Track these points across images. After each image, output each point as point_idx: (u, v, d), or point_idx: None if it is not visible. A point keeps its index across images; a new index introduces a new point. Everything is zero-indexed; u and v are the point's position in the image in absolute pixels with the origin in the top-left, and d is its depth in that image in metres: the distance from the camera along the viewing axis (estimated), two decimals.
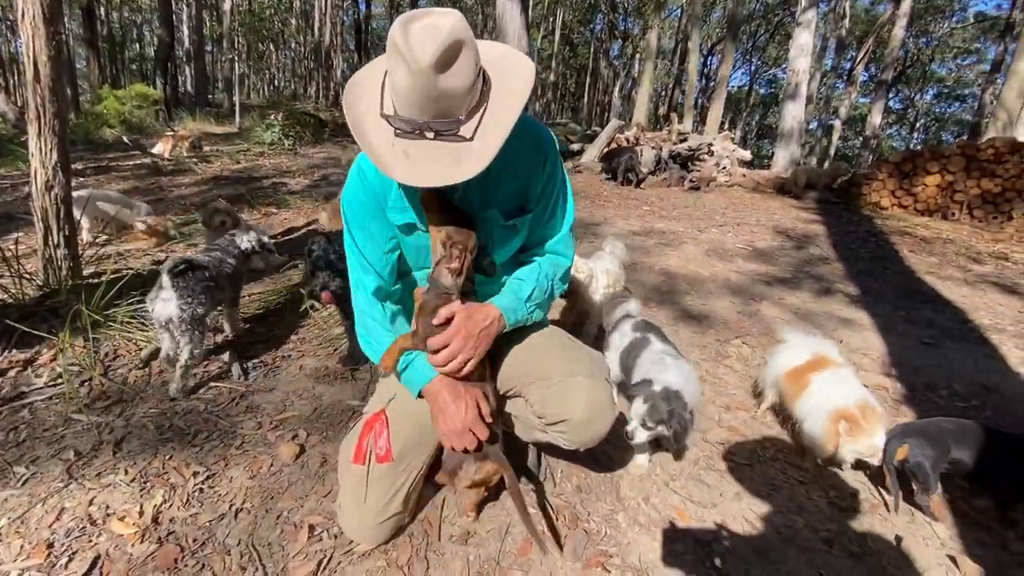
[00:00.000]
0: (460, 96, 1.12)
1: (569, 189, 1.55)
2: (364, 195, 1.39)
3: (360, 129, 1.19)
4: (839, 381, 1.98)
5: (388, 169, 1.15)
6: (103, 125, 10.81)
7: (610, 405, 1.48)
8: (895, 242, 5.51)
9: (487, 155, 1.14)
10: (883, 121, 30.83)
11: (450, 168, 1.15)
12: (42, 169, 2.89)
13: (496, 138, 1.16)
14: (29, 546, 1.48)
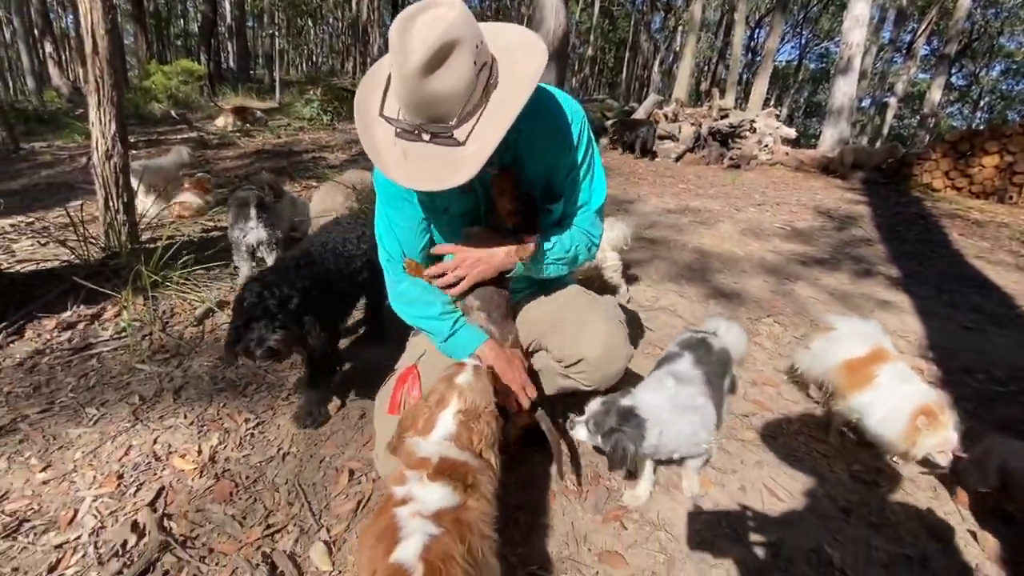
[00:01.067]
0: (451, 100, 1.11)
1: (600, 168, 1.57)
2: (394, 187, 1.43)
3: (364, 124, 1.21)
4: (905, 377, 1.89)
5: (385, 169, 1.17)
6: (151, 100, 11.20)
7: (624, 344, 1.55)
8: (944, 225, 5.28)
9: (479, 160, 1.13)
10: (943, 99, 29.00)
11: (443, 172, 1.15)
12: (102, 139, 3.07)
13: (489, 144, 1.14)
14: (101, 476, 1.65)
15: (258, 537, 1.46)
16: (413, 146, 1.17)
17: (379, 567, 0.93)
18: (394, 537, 0.96)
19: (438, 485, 1.07)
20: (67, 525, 1.49)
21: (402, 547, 0.94)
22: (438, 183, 1.15)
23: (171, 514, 1.53)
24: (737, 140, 8.49)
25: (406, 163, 1.17)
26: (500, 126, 1.14)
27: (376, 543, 0.97)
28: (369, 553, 0.98)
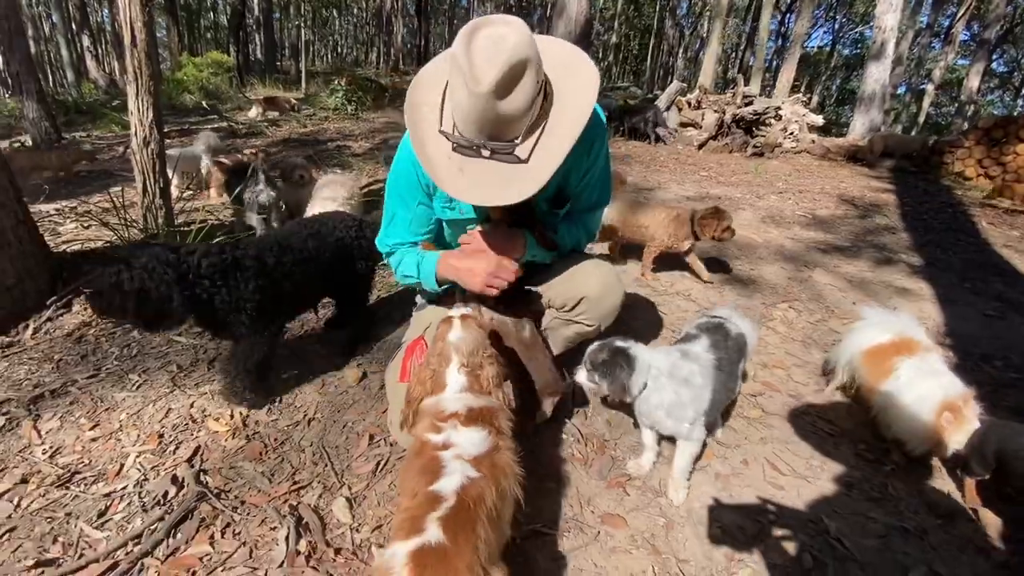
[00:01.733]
0: (518, 119, 1.15)
1: (609, 168, 1.68)
2: (416, 182, 1.54)
3: (418, 137, 1.25)
4: (932, 370, 1.82)
5: (441, 183, 1.21)
6: (183, 91, 11.54)
7: (618, 282, 1.67)
8: (974, 214, 5.15)
9: (541, 179, 1.18)
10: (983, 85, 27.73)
11: (502, 189, 1.19)
12: (140, 127, 3.22)
13: (552, 162, 1.18)
14: (144, 435, 1.80)
15: (285, 492, 1.59)
16: (471, 161, 1.19)
17: (420, 491, 1.08)
18: (437, 472, 1.10)
19: (473, 430, 1.21)
20: (114, 477, 1.63)
21: (443, 481, 1.08)
22: (500, 199, 1.19)
23: (207, 469, 1.66)
24: (762, 127, 8.35)
25: (462, 176, 1.19)
26: (564, 144, 1.18)
27: (419, 475, 1.12)
28: (412, 481, 1.12)
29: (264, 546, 1.42)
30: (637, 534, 1.49)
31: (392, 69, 19.34)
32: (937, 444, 1.71)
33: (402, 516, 1.07)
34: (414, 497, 1.08)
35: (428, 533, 0.99)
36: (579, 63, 1.26)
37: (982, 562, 1.49)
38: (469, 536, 1.01)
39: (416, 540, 0.98)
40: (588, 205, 1.69)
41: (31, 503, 1.53)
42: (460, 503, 1.04)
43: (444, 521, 1.01)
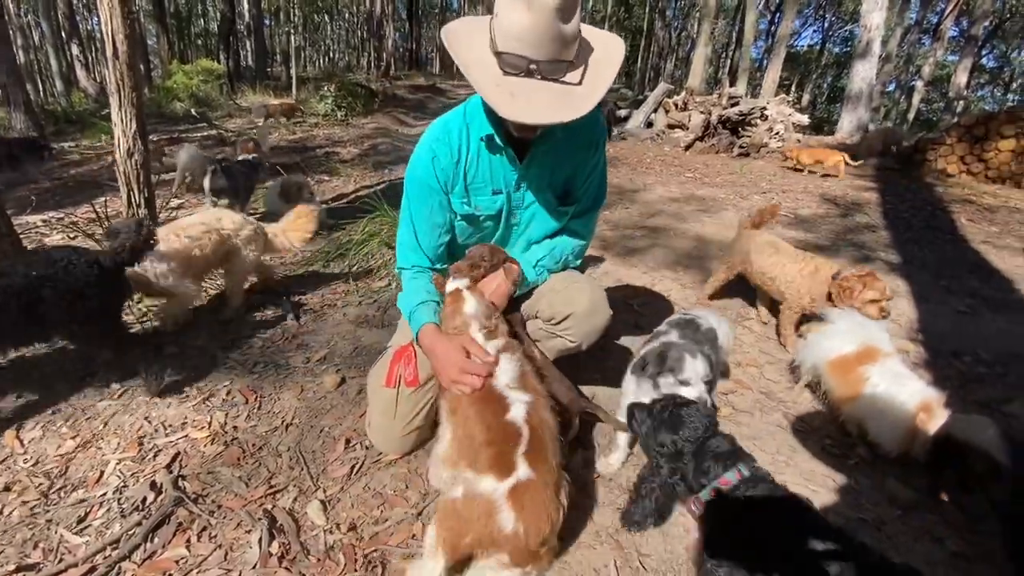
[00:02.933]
0: (572, 41, 1.27)
1: (606, 170, 1.77)
2: (432, 180, 1.59)
3: (463, 63, 1.31)
4: (900, 375, 1.88)
5: (497, 106, 1.25)
6: (173, 99, 11.56)
7: (606, 302, 1.71)
8: (954, 211, 5.22)
9: (594, 97, 1.29)
10: (973, 81, 27.96)
11: (556, 109, 1.27)
12: (123, 138, 3.26)
13: (602, 85, 1.31)
14: (124, 443, 1.83)
15: (261, 496, 1.63)
16: (524, 84, 1.26)
17: (494, 423, 1.28)
18: (503, 402, 1.31)
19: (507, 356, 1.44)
20: (94, 484, 1.67)
21: (513, 410, 1.29)
22: (556, 117, 1.26)
23: (185, 475, 1.70)
24: (747, 128, 8.43)
25: (515, 100, 1.25)
26: (609, 71, 1.33)
27: (483, 405, 1.33)
28: (474, 410, 1.33)
29: (239, 548, 1.46)
30: (601, 529, 1.54)
31: (383, 74, 19.40)
32: (912, 443, 1.76)
33: (489, 453, 1.23)
34: (486, 427, 1.27)
35: (520, 470, 1.19)
36: (600, 32, 1.43)
37: (936, 551, 1.54)
38: (549, 466, 1.24)
39: (511, 480, 1.18)
40: (588, 204, 1.77)
41: (13, 511, 1.57)
42: (534, 433, 1.25)
43: (529, 454, 1.21)
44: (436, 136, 1.58)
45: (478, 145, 1.57)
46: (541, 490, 1.20)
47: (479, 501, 1.18)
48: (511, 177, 1.62)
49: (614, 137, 9.23)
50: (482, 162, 1.59)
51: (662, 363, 1.59)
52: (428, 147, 1.58)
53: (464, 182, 1.60)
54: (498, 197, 1.63)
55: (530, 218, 1.71)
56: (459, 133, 1.57)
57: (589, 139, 1.66)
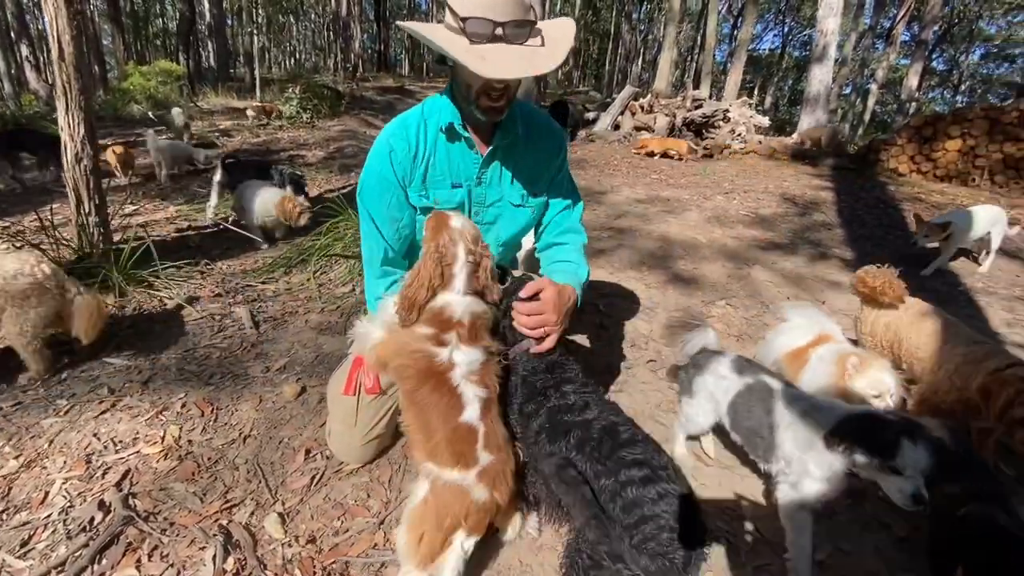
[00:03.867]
0: (528, 6, 1.34)
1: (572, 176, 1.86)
2: (389, 174, 1.58)
3: (429, 37, 1.35)
4: (836, 347, 1.94)
5: (471, 64, 1.30)
6: (130, 101, 11.16)
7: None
8: (905, 208, 5.45)
9: (557, 55, 1.36)
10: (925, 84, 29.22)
11: (527, 64, 1.34)
12: (71, 143, 3.13)
13: (563, 47, 1.38)
14: (71, 461, 1.76)
15: (217, 511, 1.58)
16: (492, 48, 1.33)
17: (451, 422, 1.31)
18: (459, 403, 1.32)
19: (473, 349, 1.37)
20: (39, 505, 1.60)
21: (468, 412, 1.32)
22: (527, 71, 1.33)
23: (136, 493, 1.64)
24: (711, 129, 8.64)
25: (485, 62, 1.31)
26: (567, 38, 1.41)
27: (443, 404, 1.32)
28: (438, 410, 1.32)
29: (192, 567, 1.42)
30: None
31: (351, 76, 19.14)
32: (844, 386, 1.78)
33: (450, 449, 1.29)
34: (447, 424, 1.31)
35: (482, 459, 1.30)
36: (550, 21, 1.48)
37: (884, 538, 1.61)
38: (503, 447, 1.35)
39: (477, 468, 1.28)
40: (564, 205, 1.82)
41: None
42: (488, 428, 1.33)
43: (486, 446, 1.31)
44: (393, 132, 1.59)
45: (436, 138, 1.59)
46: (504, 467, 1.34)
47: (451, 487, 1.28)
48: (472, 170, 1.62)
49: (582, 139, 9.34)
50: (440, 155, 1.60)
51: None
52: (385, 142, 1.58)
53: (423, 176, 1.60)
54: (457, 191, 1.63)
55: (496, 216, 1.72)
56: (417, 128, 1.58)
57: (550, 137, 1.71)
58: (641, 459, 1.18)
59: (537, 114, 1.72)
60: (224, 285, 3.06)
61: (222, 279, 3.16)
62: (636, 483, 1.14)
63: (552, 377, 1.43)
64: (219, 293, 2.95)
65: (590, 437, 1.25)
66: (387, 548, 1.49)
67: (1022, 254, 4.21)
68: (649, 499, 1.11)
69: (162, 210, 4.55)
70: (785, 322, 2.24)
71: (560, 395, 1.37)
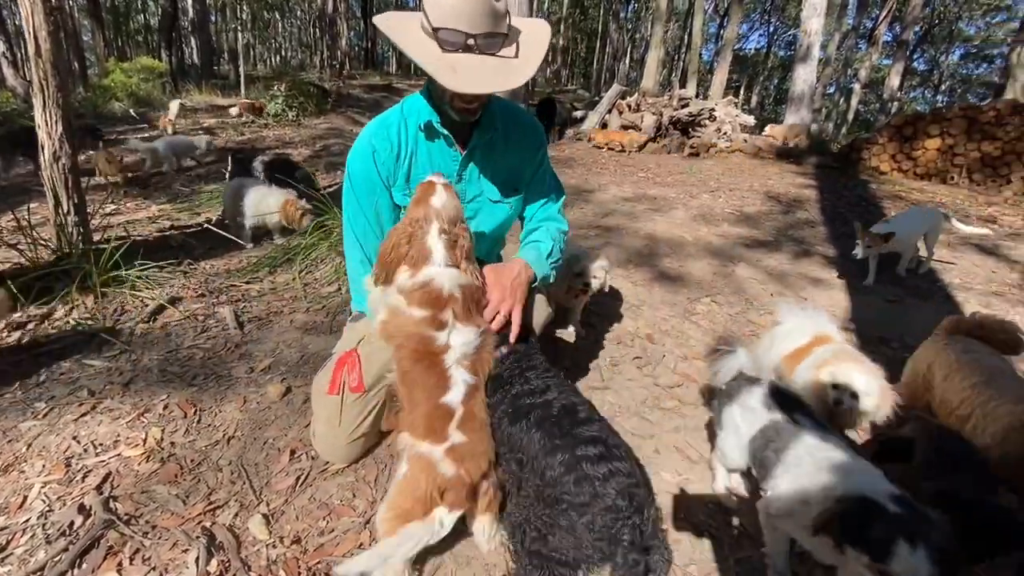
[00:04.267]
0: (503, 16, 1.33)
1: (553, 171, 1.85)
2: (374, 175, 1.58)
3: (403, 43, 1.34)
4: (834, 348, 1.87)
5: (441, 77, 1.29)
6: (111, 98, 10.98)
7: (544, 303, 1.75)
8: (886, 206, 5.54)
9: (528, 68, 1.36)
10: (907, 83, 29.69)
11: (498, 78, 1.33)
12: (48, 141, 3.08)
13: (536, 58, 1.38)
14: (50, 465, 1.73)
15: (200, 513, 1.57)
16: (463, 58, 1.32)
17: (434, 400, 1.34)
18: (446, 384, 1.35)
19: (469, 329, 1.39)
20: (17, 510, 1.57)
21: (451, 394, 1.35)
22: (499, 85, 1.33)
23: (117, 496, 1.62)
24: (697, 128, 8.70)
25: (456, 74, 1.30)
26: (540, 47, 1.40)
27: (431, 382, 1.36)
28: (425, 388, 1.36)
29: (174, 569, 1.40)
30: None
31: (337, 73, 18.98)
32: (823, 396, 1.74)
33: (425, 423, 1.33)
34: (429, 401, 1.34)
35: (453, 437, 1.33)
36: (526, 20, 1.48)
37: None
38: (480, 431, 1.36)
39: (447, 443, 1.31)
40: (546, 198, 1.83)
41: None
42: (467, 411, 1.35)
43: (460, 426, 1.34)
44: (374, 132, 1.59)
45: (416, 136, 1.59)
46: (475, 448, 1.35)
47: (421, 458, 1.32)
48: (452, 167, 1.63)
49: (570, 138, 9.36)
50: (421, 154, 1.60)
51: None
52: (367, 142, 1.58)
53: (406, 175, 1.60)
54: None
55: (475, 211, 1.72)
56: (398, 127, 1.58)
57: (530, 133, 1.71)
58: (597, 436, 1.22)
59: (516, 111, 1.72)
60: (207, 285, 3.03)
61: (205, 279, 3.12)
62: (591, 459, 1.17)
63: (518, 366, 1.47)
64: (202, 293, 2.92)
65: (550, 415, 1.29)
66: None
67: (998, 250, 4.30)
68: (600, 476, 1.15)
69: (144, 209, 4.49)
70: (781, 324, 2.14)
71: (523, 380, 1.42)
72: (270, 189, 3.84)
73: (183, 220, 4.26)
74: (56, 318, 2.56)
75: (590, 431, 1.23)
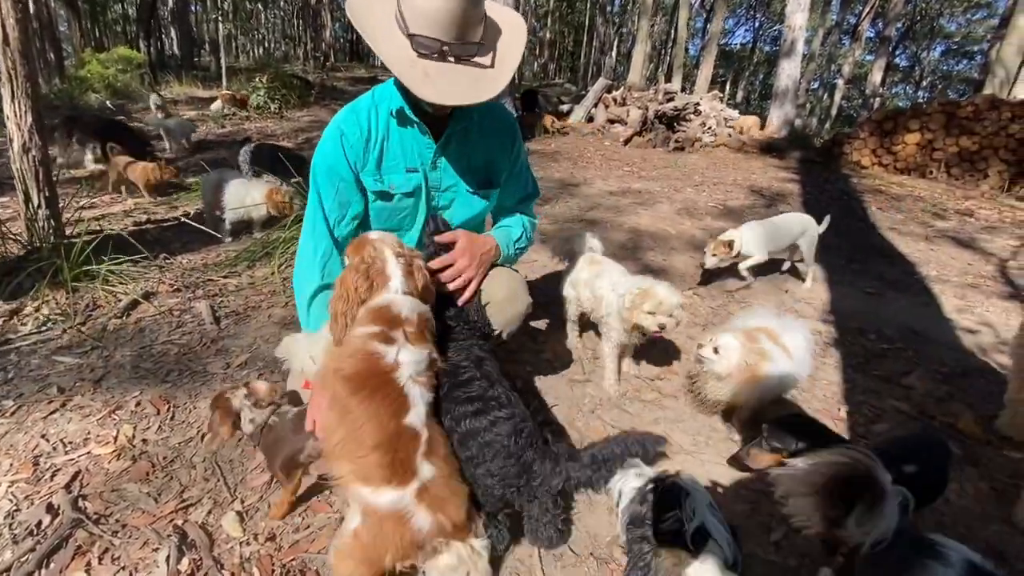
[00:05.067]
0: (479, 21, 1.30)
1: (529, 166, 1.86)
2: (341, 159, 1.55)
3: (376, 43, 1.30)
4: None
5: (412, 86, 1.27)
6: (87, 90, 10.71)
7: (525, 292, 1.74)
8: (866, 200, 5.61)
9: (503, 79, 1.34)
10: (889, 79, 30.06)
11: (471, 89, 1.31)
12: (18, 132, 2.99)
13: (510, 67, 1.36)
14: (17, 463, 1.69)
15: (172, 511, 1.54)
16: (437, 66, 1.29)
17: (393, 425, 1.17)
18: (404, 404, 1.19)
19: (419, 347, 1.27)
20: None
21: (412, 414, 1.19)
22: (472, 97, 1.30)
23: (86, 495, 1.59)
24: (683, 123, 8.72)
25: (429, 81, 1.27)
26: (516, 53, 1.38)
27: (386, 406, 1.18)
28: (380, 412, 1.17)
29: (144, 568, 1.38)
30: None
31: (321, 65, 18.72)
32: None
33: (382, 462, 1.13)
34: (382, 431, 1.16)
35: (422, 471, 1.16)
36: (503, 9, 1.45)
37: None
38: (446, 457, 1.23)
39: (415, 483, 1.14)
40: (523, 194, 1.84)
41: None
42: (432, 435, 1.22)
43: (428, 455, 1.18)
44: (344, 117, 1.57)
45: (387, 122, 1.56)
46: (447, 483, 1.20)
47: (386, 515, 1.13)
48: (426, 154, 1.60)
49: (555, 132, 9.32)
50: (393, 139, 1.58)
51: None
52: (336, 127, 1.56)
53: (377, 161, 1.58)
54: (413, 175, 1.61)
55: (450, 201, 1.71)
56: (368, 112, 1.56)
57: (504, 125, 1.71)
58: (475, 395, 1.30)
59: (490, 103, 1.68)
60: (183, 280, 2.97)
61: (182, 273, 3.07)
62: (468, 416, 1.28)
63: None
64: (178, 288, 2.87)
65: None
66: None
67: (975, 243, 4.38)
68: (482, 428, 1.26)
69: (119, 203, 4.39)
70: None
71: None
72: (251, 181, 3.78)
73: (160, 214, 4.18)
74: (25, 314, 2.49)
75: (468, 392, 1.31)
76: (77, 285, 2.70)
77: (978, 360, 2.65)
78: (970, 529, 1.64)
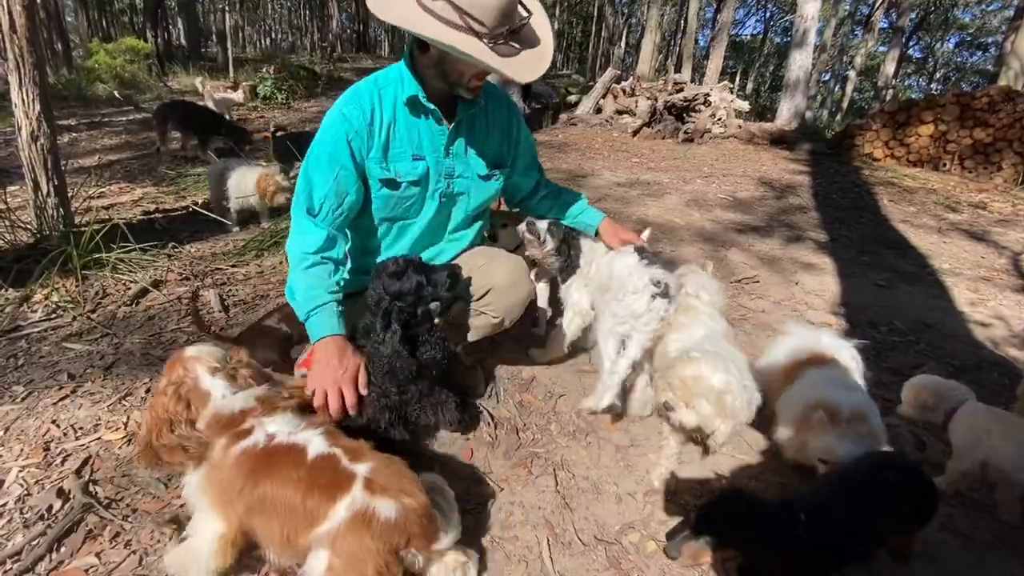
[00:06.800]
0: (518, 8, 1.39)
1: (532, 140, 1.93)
2: (342, 142, 1.52)
3: (457, 48, 1.32)
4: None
5: (504, 70, 1.37)
6: (95, 80, 10.73)
7: (527, 278, 1.75)
8: (878, 192, 5.54)
9: (550, 48, 1.46)
10: (902, 71, 29.62)
11: (538, 63, 1.44)
12: (26, 120, 2.99)
13: (547, 35, 1.48)
14: (28, 449, 1.70)
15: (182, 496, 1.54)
16: (506, 49, 1.40)
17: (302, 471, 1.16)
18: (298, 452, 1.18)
19: (279, 412, 1.27)
20: None
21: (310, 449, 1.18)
22: (540, 71, 1.45)
23: (97, 480, 1.60)
24: (692, 114, 8.62)
25: (509, 64, 1.39)
26: (544, 22, 1.49)
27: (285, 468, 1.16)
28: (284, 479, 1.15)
29: (155, 552, 1.39)
30: (531, 509, 1.55)
31: (329, 56, 18.67)
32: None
33: (314, 495, 1.11)
34: (302, 478, 1.13)
35: (358, 471, 1.15)
36: None
37: None
38: (377, 455, 1.22)
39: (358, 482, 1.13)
40: (528, 167, 1.90)
41: None
42: (345, 445, 1.21)
43: (354, 460, 1.17)
44: (346, 101, 1.55)
45: (393, 109, 1.55)
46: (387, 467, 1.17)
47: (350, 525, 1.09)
48: (439, 141, 1.60)
49: (564, 123, 9.26)
50: (400, 126, 1.57)
51: None
52: (338, 111, 1.54)
53: (383, 147, 1.56)
54: (419, 163, 1.60)
55: (466, 188, 1.71)
56: (370, 97, 1.54)
57: (502, 103, 1.75)
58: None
59: (487, 85, 1.68)
60: (192, 268, 2.98)
61: (190, 262, 3.07)
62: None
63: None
64: (187, 276, 2.87)
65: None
66: None
67: (988, 236, 4.32)
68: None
69: (128, 192, 4.41)
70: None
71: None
72: (250, 169, 3.75)
73: (168, 203, 4.19)
74: (35, 301, 2.50)
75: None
76: (87, 273, 2.71)
77: (990, 353, 2.62)
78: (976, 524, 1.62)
